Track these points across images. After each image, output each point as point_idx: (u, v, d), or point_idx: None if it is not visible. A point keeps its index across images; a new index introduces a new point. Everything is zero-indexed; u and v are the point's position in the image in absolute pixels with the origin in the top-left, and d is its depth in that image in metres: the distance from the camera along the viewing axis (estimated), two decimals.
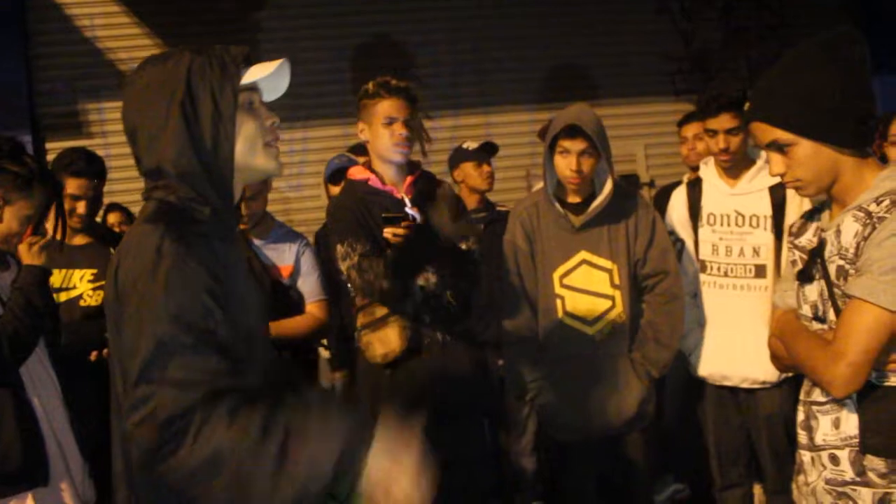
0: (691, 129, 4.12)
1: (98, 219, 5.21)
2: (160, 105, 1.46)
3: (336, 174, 3.70)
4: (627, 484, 3.02)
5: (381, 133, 2.74)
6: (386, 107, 2.72)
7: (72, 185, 3.03)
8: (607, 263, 2.93)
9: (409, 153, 2.78)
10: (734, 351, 3.02)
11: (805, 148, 1.74)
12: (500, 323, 3.12)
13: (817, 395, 1.84)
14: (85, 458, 2.45)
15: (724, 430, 3.14)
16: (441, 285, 2.70)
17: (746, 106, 2.17)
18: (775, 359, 2.02)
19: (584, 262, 2.96)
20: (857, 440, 1.75)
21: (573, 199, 2.98)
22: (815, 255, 1.83)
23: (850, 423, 1.76)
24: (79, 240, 3.12)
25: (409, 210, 2.71)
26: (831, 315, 1.80)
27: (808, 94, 1.71)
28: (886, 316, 1.67)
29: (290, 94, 1.62)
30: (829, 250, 1.79)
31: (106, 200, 5.43)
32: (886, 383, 1.74)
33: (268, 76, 1.53)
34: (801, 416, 1.90)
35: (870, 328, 1.67)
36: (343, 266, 2.70)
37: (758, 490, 3.40)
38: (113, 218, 5.31)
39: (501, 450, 3.94)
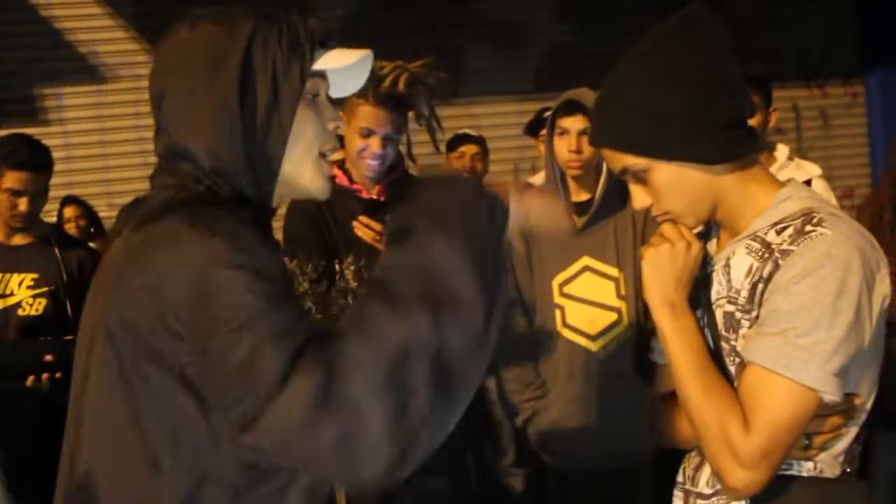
0: None
1: (54, 212, 4.92)
2: (204, 71, 1.14)
3: None
4: None
5: (355, 141, 2.43)
6: (366, 114, 2.39)
7: (11, 179, 2.69)
8: (613, 271, 2.63)
9: (381, 171, 2.45)
10: None
11: (663, 172, 1.34)
12: None
13: (704, 485, 1.41)
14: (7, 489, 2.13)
15: None
16: None
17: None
18: (655, 427, 1.56)
19: (586, 268, 2.66)
20: None
21: (577, 196, 2.68)
22: (695, 296, 1.41)
23: None
24: (18, 239, 2.78)
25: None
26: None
27: (651, 104, 1.32)
28: (805, 395, 1.23)
29: None
30: (717, 291, 1.40)
31: (63, 193, 5.13)
32: (789, 472, 1.33)
33: (347, 67, 1.22)
34: None
35: (787, 408, 1.24)
36: (299, 285, 2.44)
37: None
38: (70, 212, 4.99)
39: (490, 469, 3.71)
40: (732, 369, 1.34)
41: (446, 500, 2.53)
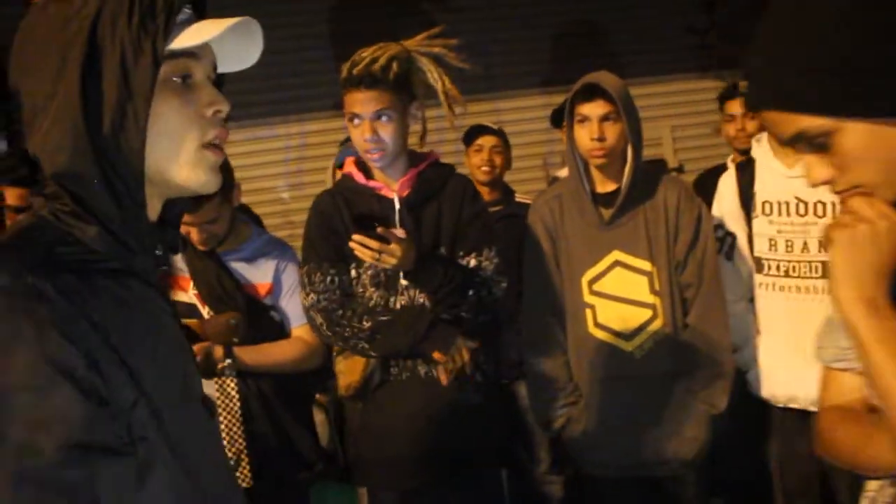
0: (739, 105, 3.50)
1: None
2: (51, 62, 1.00)
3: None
4: None
5: (350, 132, 2.27)
6: (350, 101, 2.21)
7: (12, 196, 2.61)
8: (646, 265, 2.45)
9: (385, 157, 2.24)
10: (801, 367, 2.52)
11: (854, 134, 1.08)
12: (520, 339, 2.66)
13: None
14: None
15: (791, 459, 2.68)
16: (431, 311, 2.23)
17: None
18: (830, 446, 1.32)
19: (617, 263, 2.48)
20: None
21: (603, 187, 2.50)
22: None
23: None
24: None
25: (398, 214, 2.24)
26: None
27: (836, 55, 1.06)
28: None
29: (284, 84, 1.22)
30: None
31: None
32: None
33: (216, 39, 1.03)
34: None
35: None
36: (301, 296, 2.30)
37: None
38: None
39: (526, 477, 3.54)
40: None
41: None
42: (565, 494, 3.51)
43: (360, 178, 2.31)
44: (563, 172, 3.30)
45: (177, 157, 1.04)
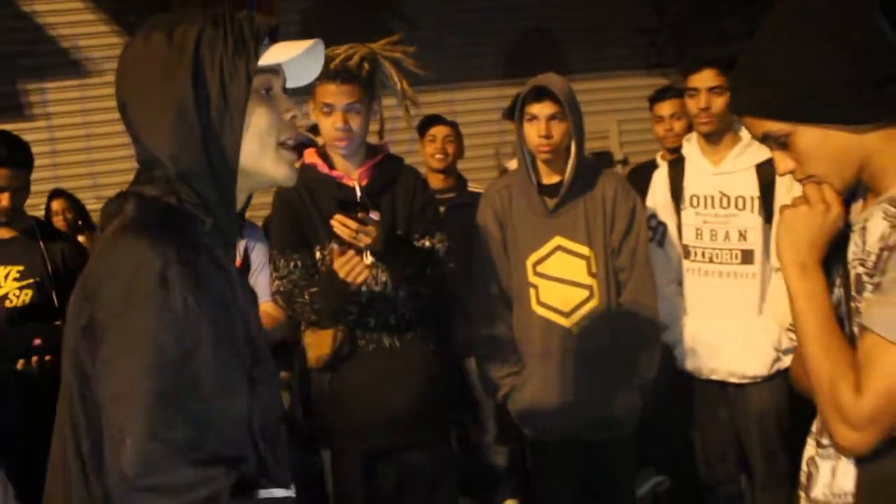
0: (667, 107, 3.83)
1: (41, 206, 4.96)
2: (158, 83, 1.20)
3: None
4: (608, 487, 2.81)
5: (321, 121, 2.48)
6: (322, 92, 2.43)
7: None
8: (584, 250, 2.70)
9: (351, 147, 2.48)
10: (721, 343, 2.82)
11: (807, 136, 1.32)
12: (469, 315, 2.89)
13: (824, 436, 1.43)
14: (9, 480, 2.18)
15: (712, 427, 2.96)
16: (393, 287, 2.46)
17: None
18: (793, 378, 1.58)
19: (559, 248, 2.73)
20: (850, 500, 1.37)
21: (548, 179, 2.75)
22: (833, 256, 1.42)
23: (847, 477, 1.37)
24: (2, 233, 2.82)
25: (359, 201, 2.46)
26: (847, 331, 1.41)
27: (794, 66, 1.30)
28: None
29: None
30: (853, 252, 1.39)
31: (50, 187, 5.16)
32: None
33: (294, 59, 1.26)
34: (808, 452, 1.49)
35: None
36: (272, 282, 2.53)
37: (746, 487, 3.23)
38: (57, 205, 5.03)
39: (475, 447, 3.78)
40: (856, 330, 1.34)
41: (428, 475, 2.60)
42: (509, 463, 3.76)
43: (323, 167, 2.52)
44: (513, 164, 3.54)
45: (264, 155, 1.26)
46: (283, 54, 1.25)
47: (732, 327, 2.79)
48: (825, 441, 1.42)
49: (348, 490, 2.54)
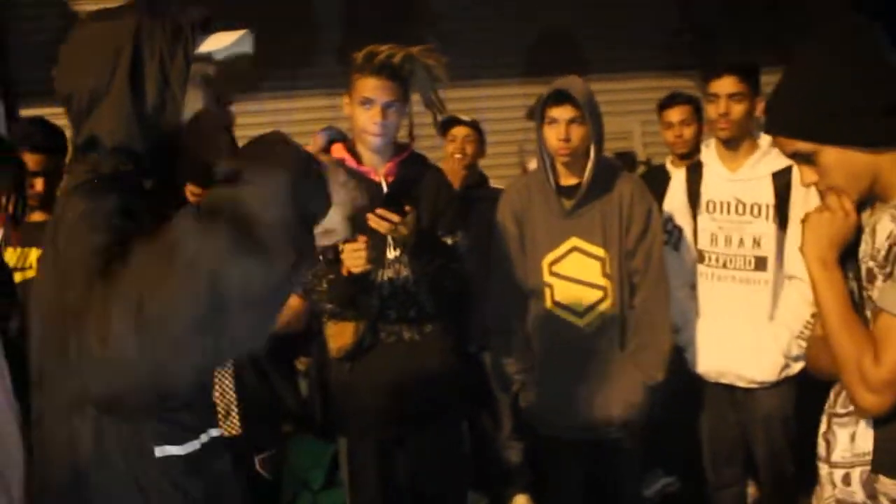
0: (676, 114, 3.86)
1: None
2: (102, 67, 1.31)
3: (325, 148, 3.56)
4: (615, 486, 2.87)
5: (358, 114, 2.54)
6: (364, 85, 2.50)
7: (28, 161, 2.82)
8: (599, 251, 2.75)
9: (385, 142, 2.56)
10: (731, 348, 2.86)
11: (830, 154, 1.59)
12: (486, 312, 2.96)
13: (839, 406, 1.70)
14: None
15: (719, 429, 3.01)
16: (415, 281, 2.53)
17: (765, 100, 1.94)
18: (811, 362, 1.84)
19: (574, 249, 2.78)
20: (870, 458, 1.61)
21: (567, 180, 2.80)
22: (847, 255, 1.68)
23: (866, 438, 1.62)
24: (36, 216, 2.91)
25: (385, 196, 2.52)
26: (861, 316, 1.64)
27: (819, 96, 1.57)
28: None
29: (274, 62, 1.45)
30: (863, 250, 1.63)
31: None
32: None
33: (227, 47, 1.36)
34: (823, 427, 1.74)
35: None
36: None
37: (752, 490, 3.27)
38: None
39: (489, 442, 3.84)
40: (868, 314, 1.60)
41: (439, 464, 2.67)
42: (523, 459, 3.81)
43: (351, 162, 2.59)
44: (534, 164, 3.59)
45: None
46: (215, 43, 1.35)
47: (743, 332, 2.83)
48: (841, 410, 1.68)
49: (362, 475, 2.62)
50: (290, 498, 3.43)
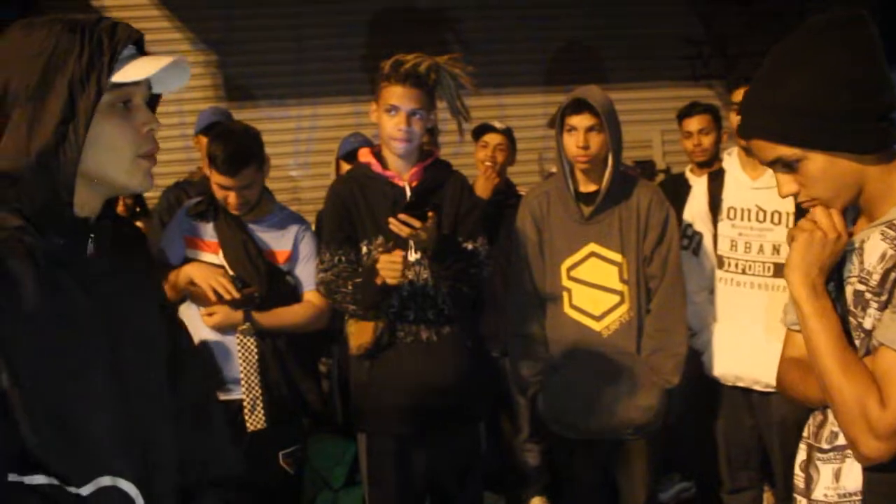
0: (695, 123, 3.91)
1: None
2: (11, 84, 1.21)
3: (350, 154, 3.63)
4: (631, 489, 2.90)
5: (384, 120, 2.60)
6: (391, 93, 2.56)
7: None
8: (617, 257, 2.80)
9: (409, 148, 2.61)
10: (748, 352, 2.90)
11: (816, 162, 1.42)
12: (504, 315, 3.01)
13: (824, 442, 1.53)
14: None
15: (735, 433, 3.04)
16: (434, 284, 2.59)
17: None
18: (786, 386, 1.66)
19: (592, 254, 2.83)
20: (856, 499, 1.47)
21: (586, 187, 2.85)
22: (832, 271, 1.51)
23: (852, 478, 1.47)
24: None
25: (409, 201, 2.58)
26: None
27: (808, 97, 1.40)
28: None
29: (299, 70, 1.47)
30: (848, 269, 1.48)
31: None
32: None
33: (154, 75, 1.26)
34: (801, 455, 1.60)
35: None
36: (317, 273, 2.71)
37: (768, 494, 3.29)
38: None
39: (507, 444, 3.88)
40: (857, 343, 1.43)
41: (456, 462, 2.72)
42: (540, 461, 3.85)
43: (377, 167, 2.66)
44: (555, 169, 3.64)
45: (118, 167, 1.27)
46: (135, 73, 1.25)
47: (760, 337, 2.86)
48: (826, 446, 1.51)
49: (380, 471, 2.68)
50: (311, 496, 3.48)
